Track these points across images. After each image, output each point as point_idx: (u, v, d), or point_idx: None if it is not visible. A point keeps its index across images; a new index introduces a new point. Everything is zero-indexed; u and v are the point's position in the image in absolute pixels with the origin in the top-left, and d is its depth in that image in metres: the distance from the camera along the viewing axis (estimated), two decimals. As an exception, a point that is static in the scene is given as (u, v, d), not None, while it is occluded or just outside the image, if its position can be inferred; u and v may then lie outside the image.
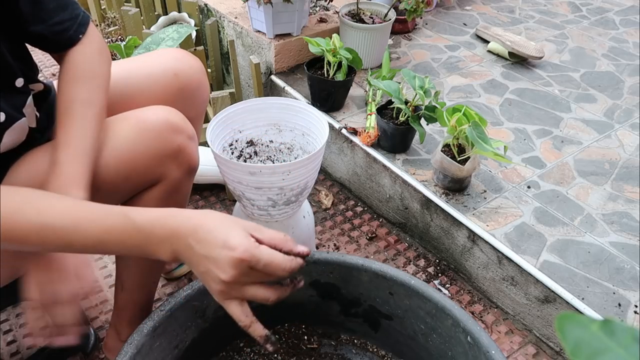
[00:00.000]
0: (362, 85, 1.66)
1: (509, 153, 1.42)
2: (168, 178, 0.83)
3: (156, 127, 0.79)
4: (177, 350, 0.91)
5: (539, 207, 1.27)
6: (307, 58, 1.59)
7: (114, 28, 1.92)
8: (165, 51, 0.95)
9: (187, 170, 0.85)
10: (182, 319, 0.90)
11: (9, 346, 1.12)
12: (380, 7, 1.73)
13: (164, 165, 0.81)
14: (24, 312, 1.19)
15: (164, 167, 0.81)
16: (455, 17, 2.12)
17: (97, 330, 1.16)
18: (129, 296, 0.96)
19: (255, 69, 1.54)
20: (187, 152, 0.83)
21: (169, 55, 0.93)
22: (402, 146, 1.40)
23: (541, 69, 1.81)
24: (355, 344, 1.05)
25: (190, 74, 0.93)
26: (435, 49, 1.89)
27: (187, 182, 0.88)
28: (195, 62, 0.96)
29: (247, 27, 1.72)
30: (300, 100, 1.46)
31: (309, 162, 0.99)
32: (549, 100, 1.65)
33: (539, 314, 1.14)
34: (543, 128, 1.53)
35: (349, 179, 1.54)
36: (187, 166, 0.84)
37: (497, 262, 1.19)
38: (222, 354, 1.02)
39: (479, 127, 1.16)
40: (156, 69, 0.91)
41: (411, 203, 1.35)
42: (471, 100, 1.63)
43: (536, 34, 2.02)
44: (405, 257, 1.36)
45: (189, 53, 0.96)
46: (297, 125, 1.12)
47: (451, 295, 1.26)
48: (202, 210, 0.64)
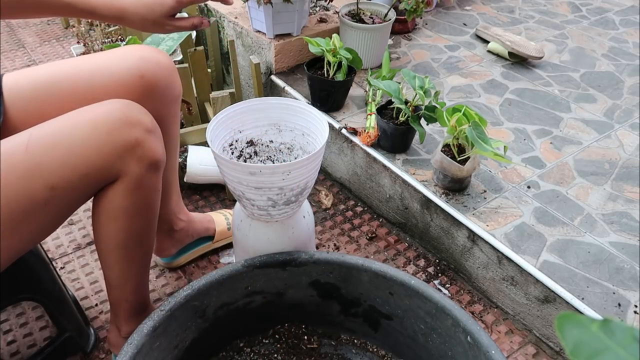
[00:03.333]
0: (362, 85, 1.66)
1: (509, 153, 1.42)
2: (128, 174, 0.81)
3: (110, 121, 0.77)
4: (177, 350, 0.91)
5: (539, 207, 1.27)
6: (307, 58, 1.59)
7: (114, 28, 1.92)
8: (130, 49, 0.93)
9: (148, 164, 0.83)
10: (182, 319, 0.90)
11: (9, 346, 1.12)
12: (380, 7, 1.73)
13: (121, 160, 0.79)
14: (24, 312, 1.19)
15: (122, 163, 0.79)
16: (455, 17, 2.12)
17: (97, 330, 1.16)
18: (118, 292, 0.95)
19: (255, 69, 1.54)
20: (146, 146, 0.81)
21: (134, 55, 0.91)
22: (402, 146, 1.40)
23: (541, 69, 1.81)
24: (355, 344, 1.05)
25: (158, 73, 0.92)
26: (435, 49, 1.89)
27: (151, 176, 0.85)
28: (164, 58, 0.94)
29: (247, 27, 1.72)
30: (301, 100, 1.46)
31: (309, 162, 0.99)
32: (549, 100, 1.65)
33: (539, 314, 1.14)
34: (543, 128, 1.53)
35: (349, 179, 1.54)
36: (147, 161, 0.82)
37: (497, 262, 1.19)
38: (222, 354, 1.03)
39: (479, 127, 1.16)
40: (121, 70, 0.89)
41: (411, 203, 1.35)
42: (471, 100, 1.64)
43: (536, 34, 2.02)
44: (405, 257, 1.36)
45: (156, 50, 0.95)
46: (297, 125, 1.12)
47: (451, 295, 1.26)
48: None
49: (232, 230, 1.20)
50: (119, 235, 0.87)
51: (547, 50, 1.90)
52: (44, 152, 0.75)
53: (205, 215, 1.31)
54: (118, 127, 0.78)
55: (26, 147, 0.74)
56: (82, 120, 0.78)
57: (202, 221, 1.28)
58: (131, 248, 0.89)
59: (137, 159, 0.81)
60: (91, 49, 1.89)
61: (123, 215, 0.85)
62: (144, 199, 0.87)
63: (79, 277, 1.28)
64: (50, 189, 0.75)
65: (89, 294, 1.24)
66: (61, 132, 0.76)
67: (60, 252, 1.35)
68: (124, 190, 0.83)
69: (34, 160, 0.74)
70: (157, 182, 0.89)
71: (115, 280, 0.93)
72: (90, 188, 0.81)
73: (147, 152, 0.82)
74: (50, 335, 1.14)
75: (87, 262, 1.31)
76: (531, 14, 2.19)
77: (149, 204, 0.89)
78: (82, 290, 1.25)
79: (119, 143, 0.78)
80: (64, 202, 0.79)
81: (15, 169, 0.73)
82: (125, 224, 0.87)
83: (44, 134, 0.76)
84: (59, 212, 0.80)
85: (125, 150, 0.79)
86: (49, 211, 0.78)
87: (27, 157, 0.74)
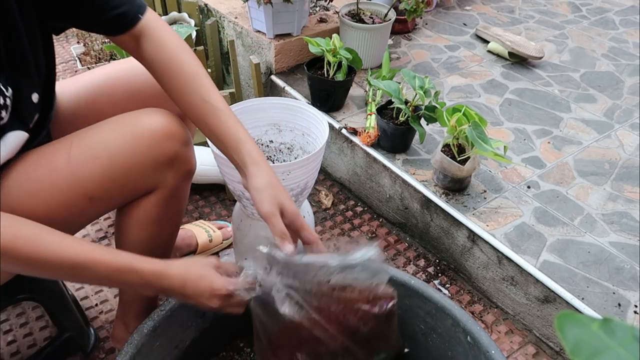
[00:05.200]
0: (362, 85, 1.66)
1: (509, 153, 1.42)
2: (165, 185, 0.82)
3: (151, 135, 0.78)
4: (178, 350, 0.91)
5: (539, 207, 1.27)
6: (307, 58, 1.59)
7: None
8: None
9: (184, 176, 0.85)
10: (182, 319, 0.90)
11: (9, 346, 1.12)
12: (380, 7, 1.73)
13: (160, 173, 0.80)
14: (24, 312, 1.19)
15: (160, 175, 0.80)
16: (455, 17, 2.12)
17: (97, 330, 1.16)
18: (135, 291, 0.96)
19: (255, 69, 1.54)
20: (183, 158, 0.82)
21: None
22: (402, 146, 1.40)
23: (541, 69, 1.81)
24: (355, 344, 1.05)
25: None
26: (435, 49, 1.89)
27: (184, 187, 0.88)
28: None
29: (247, 27, 1.72)
30: (301, 100, 1.46)
31: (309, 162, 0.99)
32: (549, 100, 1.65)
33: (539, 313, 1.14)
34: (543, 128, 1.53)
35: (349, 179, 1.54)
36: (183, 172, 0.84)
37: (497, 262, 1.19)
38: (222, 354, 1.03)
39: (479, 127, 1.16)
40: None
41: (411, 203, 1.35)
42: (471, 100, 1.63)
43: (536, 34, 2.02)
44: (405, 257, 1.36)
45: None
46: (297, 125, 1.12)
47: (451, 295, 1.26)
48: (185, 264, 0.75)
49: (232, 230, 1.20)
50: (148, 241, 0.89)
51: (547, 50, 1.90)
52: (85, 164, 0.75)
53: (185, 231, 1.30)
54: (158, 140, 0.78)
55: (68, 159, 0.75)
56: (124, 131, 0.78)
57: (184, 238, 1.28)
58: (158, 252, 0.90)
59: (174, 171, 0.82)
60: (91, 49, 1.90)
61: (155, 224, 0.87)
62: (176, 208, 0.88)
63: (79, 277, 1.28)
64: (89, 199, 0.76)
65: (89, 294, 1.24)
66: (102, 143, 0.76)
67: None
68: (159, 200, 0.84)
69: (76, 173, 0.75)
70: (188, 190, 0.92)
71: None
72: (126, 198, 0.82)
73: (184, 164, 0.83)
74: (50, 335, 1.14)
75: (87, 262, 1.32)
76: (531, 14, 2.19)
77: (179, 212, 0.91)
78: (82, 290, 1.25)
79: (160, 156, 0.79)
80: (98, 210, 0.80)
81: (58, 181, 0.74)
82: (156, 231, 0.88)
83: (86, 145, 0.77)
84: (89, 220, 0.82)
85: (165, 163, 0.80)
86: (82, 220, 0.80)
87: (69, 169, 0.75)
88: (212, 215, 1.47)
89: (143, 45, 0.80)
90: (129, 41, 0.81)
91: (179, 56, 0.80)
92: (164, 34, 0.80)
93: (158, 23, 0.81)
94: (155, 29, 0.80)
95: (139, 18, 0.79)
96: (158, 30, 0.80)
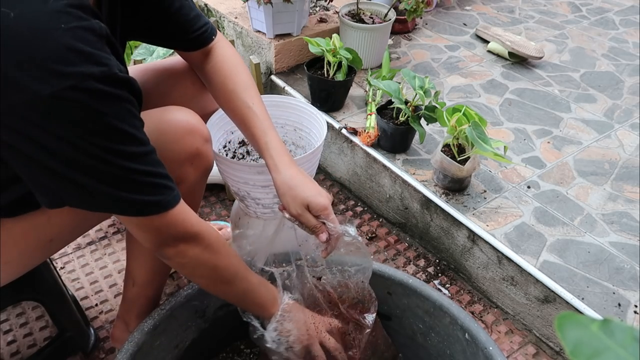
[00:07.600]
0: (362, 85, 1.66)
1: (509, 153, 1.42)
2: (184, 181, 0.83)
3: (176, 130, 0.80)
4: (178, 350, 0.91)
5: (539, 207, 1.27)
6: (307, 58, 1.59)
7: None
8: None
9: (203, 172, 0.87)
10: (182, 319, 0.90)
11: (9, 346, 1.12)
12: (380, 7, 1.73)
13: (181, 167, 0.82)
14: (24, 312, 1.19)
15: (181, 170, 0.82)
16: (455, 17, 2.12)
17: (97, 330, 1.16)
18: (140, 291, 0.96)
19: (255, 69, 1.54)
20: (204, 155, 0.84)
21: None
22: (402, 146, 1.40)
23: (541, 69, 1.81)
24: (355, 344, 1.05)
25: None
26: (435, 49, 1.89)
27: (201, 183, 0.90)
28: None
29: (247, 27, 1.72)
30: (292, 97, 1.46)
31: (307, 161, 0.99)
32: (549, 100, 1.65)
33: (538, 314, 1.14)
34: (543, 128, 1.53)
35: (349, 179, 1.54)
36: (202, 168, 0.86)
37: (497, 262, 1.19)
38: (222, 355, 1.03)
39: (479, 127, 1.16)
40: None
41: (411, 203, 1.35)
42: (471, 100, 1.63)
43: (536, 34, 2.02)
44: (405, 257, 1.36)
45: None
46: (288, 121, 1.13)
47: (451, 295, 1.26)
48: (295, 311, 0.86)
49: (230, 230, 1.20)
50: None
51: (547, 50, 1.90)
52: None
53: None
54: (182, 136, 0.80)
55: None
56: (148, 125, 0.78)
57: None
58: None
59: (194, 166, 0.84)
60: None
61: None
62: (192, 202, 0.88)
63: (79, 277, 1.28)
64: None
65: (89, 294, 1.24)
66: None
67: (60, 252, 1.34)
68: None
69: None
70: (204, 188, 0.95)
71: (143, 278, 0.95)
72: None
73: (204, 161, 0.85)
74: (50, 335, 1.14)
75: (87, 262, 1.31)
76: (531, 14, 2.19)
77: (195, 206, 0.92)
78: (82, 290, 1.25)
79: (182, 151, 0.81)
80: None
81: None
82: None
83: None
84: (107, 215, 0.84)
85: (186, 159, 0.82)
86: (101, 216, 0.82)
87: None
88: (212, 215, 1.47)
89: (209, 59, 0.91)
90: (199, 56, 0.91)
91: (236, 68, 0.91)
92: (228, 50, 0.92)
93: (224, 42, 0.93)
94: (222, 47, 0.92)
95: (212, 38, 0.90)
96: (223, 48, 0.92)
